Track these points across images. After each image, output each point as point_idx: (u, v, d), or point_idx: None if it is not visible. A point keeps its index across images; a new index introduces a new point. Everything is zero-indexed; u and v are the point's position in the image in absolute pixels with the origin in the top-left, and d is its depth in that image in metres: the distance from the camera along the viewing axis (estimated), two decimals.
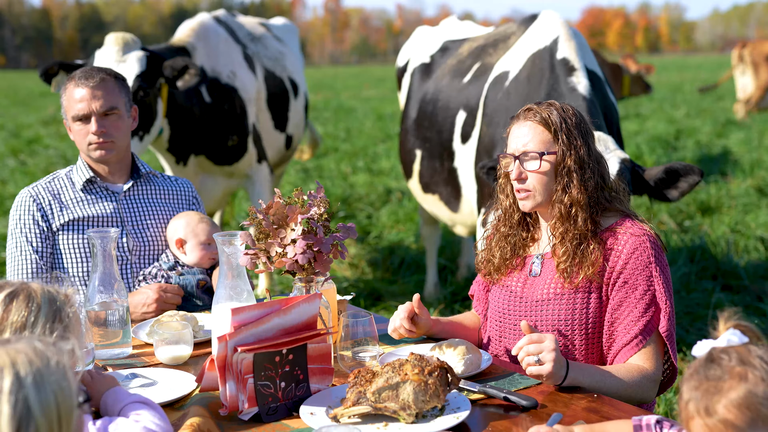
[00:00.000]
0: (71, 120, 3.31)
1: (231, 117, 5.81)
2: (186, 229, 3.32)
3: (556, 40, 4.64)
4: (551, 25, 4.78)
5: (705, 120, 17.37)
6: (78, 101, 3.27)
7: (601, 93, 4.52)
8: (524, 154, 2.64)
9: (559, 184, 2.64)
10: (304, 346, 2.33)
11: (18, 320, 1.92)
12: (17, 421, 1.48)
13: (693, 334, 5.30)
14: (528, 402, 2.25)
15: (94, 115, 3.27)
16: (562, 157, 2.63)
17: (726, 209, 8.78)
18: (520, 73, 4.71)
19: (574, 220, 2.61)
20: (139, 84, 4.95)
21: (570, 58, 4.51)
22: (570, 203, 2.62)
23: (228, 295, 2.57)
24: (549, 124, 2.64)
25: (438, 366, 2.20)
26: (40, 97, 31.06)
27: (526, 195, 2.67)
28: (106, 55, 5.02)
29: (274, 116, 6.36)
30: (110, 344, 2.73)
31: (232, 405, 2.24)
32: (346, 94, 30.77)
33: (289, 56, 6.84)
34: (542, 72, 4.56)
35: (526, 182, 2.65)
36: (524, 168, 2.65)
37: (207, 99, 5.65)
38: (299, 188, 2.54)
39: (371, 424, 2.15)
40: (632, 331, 2.56)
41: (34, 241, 3.26)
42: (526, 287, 2.72)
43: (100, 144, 3.30)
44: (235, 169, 5.96)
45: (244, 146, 5.93)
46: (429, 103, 5.53)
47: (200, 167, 5.84)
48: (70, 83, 3.30)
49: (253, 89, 6.02)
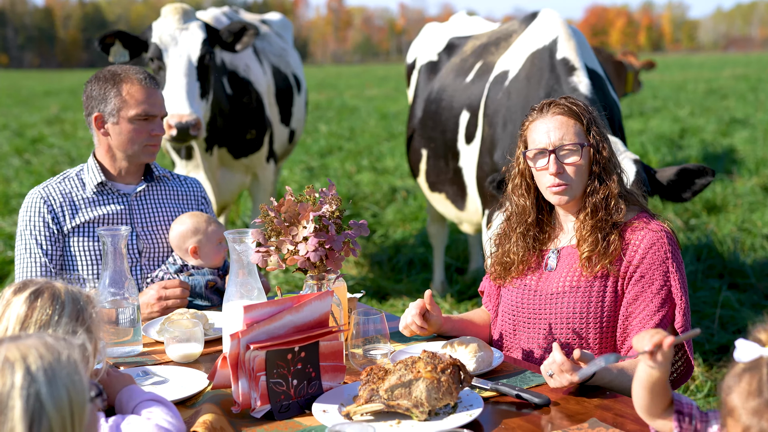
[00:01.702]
0: (126, 118, 3.26)
1: (250, 110, 5.88)
2: (198, 236, 3.27)
3: (555, 39, 4.63)
4: (551, 24, 4.78)
5: (709, 119, 17.34)
6: (145, 101, 3.27)
7: (603, 92, 4.51)
8: (561, 147, 2.62)
9: (594, 175, 2.64)
10: (316, 343, 2.33)
11: (43, 318, 1.92)
12: (30, 415, 1.47)
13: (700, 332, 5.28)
14: (540, 399, 2.25)
15: (159, 118, 3.32)
16: (597, 147, 2.63)
17: (732, 208, 8.77)
18: (519, 72, 4.70)
19: (611, 211, 2.61)
20: (206, 49, 5.10)
21: (570, 57, 4.50)
22: (607, 194, 2.62)
23: (239, 293, 2.57)
24: (581, 117, 2.64)
25: (451, 363, 2.20)
26: (43, 97, 31.10)
27: (563, 188, 2.63)
28: (167, 25, 5.13)
29: (281, 111, 6.42)
30: (121, 342, 2.73)
31: (244, 402, 2.24)
32: (349, 93, 30.76)
33: (291, 53, 6.94)
34: (541, 72, 4.56)
35: (563, 175, 2.63)
36: (562, 161, 2.63)
37: (228, 91, 5.70)
38: (311, 186, 2.54)
39: (384, 422, 2.14)
40: (647, 326, 2.56)
41: (43, 244, 3.23)
42: (541, 281, 2.72)
43: (155, 145, 3.34)
44: (249, 161, 6.01)
45: (260, 141, 5.99)
46: (433, 102, 5.53)
47: (221, 160, 5.89)
48: (128, 82, 3.27)
49: (264, 83, 6.08)
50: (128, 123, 3.27)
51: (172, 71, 5.01)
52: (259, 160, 6.05)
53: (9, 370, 1.49)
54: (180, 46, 5.05)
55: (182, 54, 5.04)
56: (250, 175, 6.15)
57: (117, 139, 3.31)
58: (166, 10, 5.20)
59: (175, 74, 4.99)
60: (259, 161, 6.05)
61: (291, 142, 6.82)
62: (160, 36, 5.08)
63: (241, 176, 6.10)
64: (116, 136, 3.30)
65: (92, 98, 3.30)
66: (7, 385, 1.48)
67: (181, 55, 5.03)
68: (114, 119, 3.28)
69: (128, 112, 3.26)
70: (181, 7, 5.19)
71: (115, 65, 3.38)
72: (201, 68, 5.08)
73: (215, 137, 5.66)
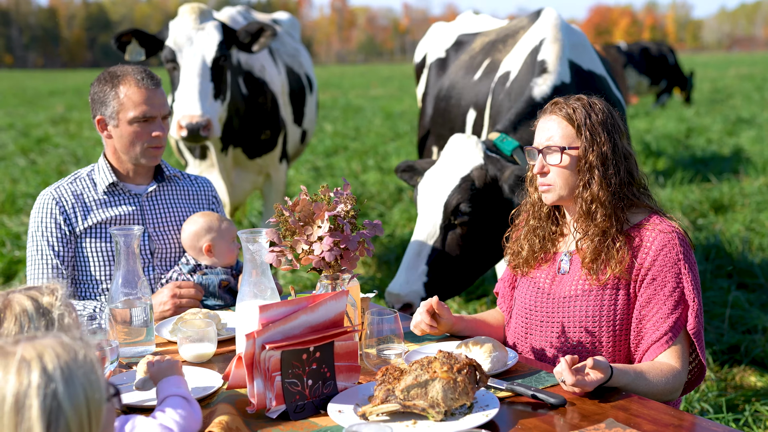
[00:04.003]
0: (126, 120, 3.22)
1: (265, 110, 5.88)
2: (211, 234, 3.26)
3: (542, 41, 4.66)
4: (544, 24, 4.79)
5: (715, 118, 17.32)
6: (143, 103, 3.20)
7: (600, 93, 4.52)
8: (547, 147, 2.66)
9: (581, 179, 2.63)
10: (331, 343, 2.32)
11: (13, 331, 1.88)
12: (47, 415, 1.46)
13: (710, 332, 5.27)
14: (556, 400, 2.24)
15: (159, 118, 3.25)
16: (584, 152, 2.62)
17: (739, 207, 8.75)
18: (519, 73, 4.71)
19: (593, 216, 2.61)
20: (221, 51, 5.07)
21: (548, 59, 4.52)
22: (590, 199, 2.62)
23: (252, 293, 2.56)
24: (573, 119, 2.64)
25: (467, 363, 2.19)
26: (48, 97, 31.14)
27: (546, 188, 2.69)
28: (183, 25, 5.10)
29: (294, 111, 6.43)
30: (134, 342, 2.72)
31: (259, 403, 2.23)
32: (354, 93, 30.76)
33: (303, 53, 6.92)
34: (525, 74, 4.59)
35: (548, 176, 2.67)
36: (546, 161, 2.66)
37: (244, 91, 5.70)
38: (325, 185, 2.53)
39: (400, 422, 2.14)
40: (661, 329, 2.55)
41: (55, 245, 3.21)
42: (555, 284, 2.71)
43: (158, 147, 3.28)
44: (263, 162, 6.02)
45: (274, 141, 5.99)
46: (443, 100, 5.51)
47: (235, 160, 5.90)
48: (125, 84, 3.22)
49: (279, 84, 6.08)
50: (128, 125, 3.22)
51: (186, 71, 4.99)
52: (272, 160, 6.05)
53: (26, 370, 1.48)
54: (195, 47, 5.03)
55: (197, 54, 5.02)
56: (263, 175, 6.16)
57: (119, 142, 3.27)
58: (183, 10, 5.18)
59: (189, 74, 4.97)
60: (272, 161, 6.06)
61: (303, 143, 6.83)
62: (176, 36, 5.07)
63: (254, 176, 6.11)
64: (118, 138, 3.27)
65: (95, 101, 3.28)
66: (24, 385, 1.47)
67: (195, 55, 5.01)
68: (114, 122, 3.24)
69: (127, 115, 3.21)
70: (198, 7, 5.17)
71: (117, 65, 3.33)
72: (216, 69, 5.04)
73: (231, 137, 5.66)
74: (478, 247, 4.06)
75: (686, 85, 20.65)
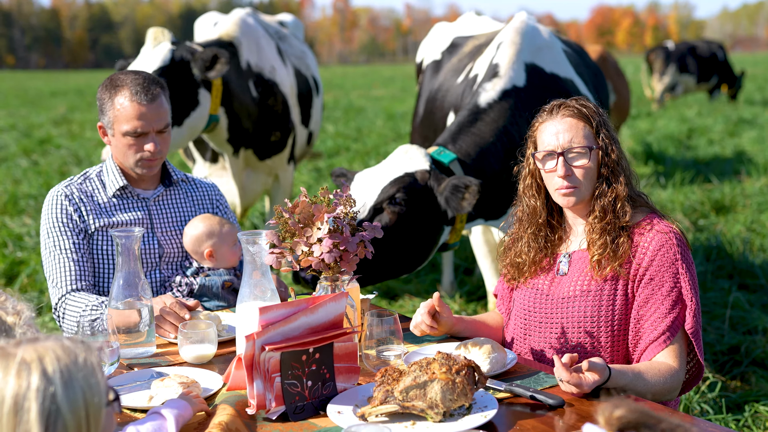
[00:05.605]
0: (120, 133, 3.19)
1: (275, 111, 5.90)
2: (212, 239, 3.27)
3: (499, 44, 4.69)
4: (507, 28, 4.82)
5: (717, 119, 17.31)
6: (135, 118, 3.15)
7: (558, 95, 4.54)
8: (569, 149, 2.63)
9: (602, 178, 2.64)
10: (331, 344, 2.33)
11: None
12: (45, 417, 1.46)
13: (710, 333, 5.28)
14: (555, 401, 2.25)
15: (153, 133, 3.20)
16: (606, 150, 2.63)
17: (740, 208, 8.75)
18: (483, 77, 4.72)
19: (618, 214, 2.61)
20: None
21: (500, 63, 4.55)
22: (614, 197, 2.62)
23: (252, 294, 2.57)
24: (590, 119, 2.64)
25: (465, 365, 2.20)
26: (50, 97, 31.16)
27: (571, 191, 2.64)
28: (144, 49, 5.16)
29: (302, 112, 6.46)
30: (134, 343, 2.73)
31: (259, 404, 2.24)
32: (356, 94, 30.76)
33: (309, 55, 6.94)
34: (483, 78, 4.62)
35: (571, 178, 2.63)
36: (570, 163, 2.63)
37: (254, 93, 5.70)
38: (325, 187, 2.54)
39: (399, 423, 2.14)
40: (659, 329, 2.56)
41: (73, 241, 3.18)
42: (554, 285, 2.72)
43: (151, 161, 3.24)
44: (273, 163, 6.04)
45: (284, 142, 6.02)
46: (431, 102, 5.53)
47: (246, 162, 5.92)
48: (121, 95, 3.17)
49: (288, 85, 6.10)
50: (122, 137, 3.20)
51: None
52: (281, 161, 6.08)
53: (25, 372, 1.48)
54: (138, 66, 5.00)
55: None
56: (272, 176, 6.20)
57: (115, 151, 3.27)
58: (148, 33, 5.21)
59: None
60: (281, 162, 6.09)
61: (309, 144, 6.86)
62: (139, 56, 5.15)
63: (264, 177, 6.15)
64: (114, 147, 3.26)
65: (98, 107, 3.27)
66: (23, 387, 1.47)
67: None
68: (111, 131, 3.24)
69: (120, 127, 3.18)
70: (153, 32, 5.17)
71: (122, 72, 3.30)
72: None
73: (242, 139, 5.68)
74: (397, 243, 4.00)
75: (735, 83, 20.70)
